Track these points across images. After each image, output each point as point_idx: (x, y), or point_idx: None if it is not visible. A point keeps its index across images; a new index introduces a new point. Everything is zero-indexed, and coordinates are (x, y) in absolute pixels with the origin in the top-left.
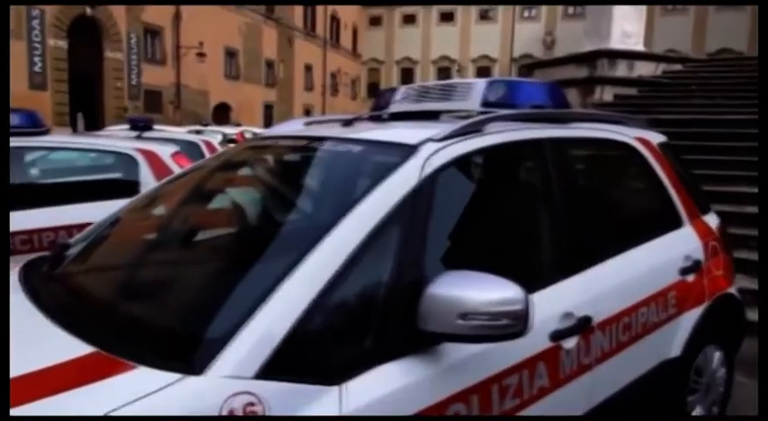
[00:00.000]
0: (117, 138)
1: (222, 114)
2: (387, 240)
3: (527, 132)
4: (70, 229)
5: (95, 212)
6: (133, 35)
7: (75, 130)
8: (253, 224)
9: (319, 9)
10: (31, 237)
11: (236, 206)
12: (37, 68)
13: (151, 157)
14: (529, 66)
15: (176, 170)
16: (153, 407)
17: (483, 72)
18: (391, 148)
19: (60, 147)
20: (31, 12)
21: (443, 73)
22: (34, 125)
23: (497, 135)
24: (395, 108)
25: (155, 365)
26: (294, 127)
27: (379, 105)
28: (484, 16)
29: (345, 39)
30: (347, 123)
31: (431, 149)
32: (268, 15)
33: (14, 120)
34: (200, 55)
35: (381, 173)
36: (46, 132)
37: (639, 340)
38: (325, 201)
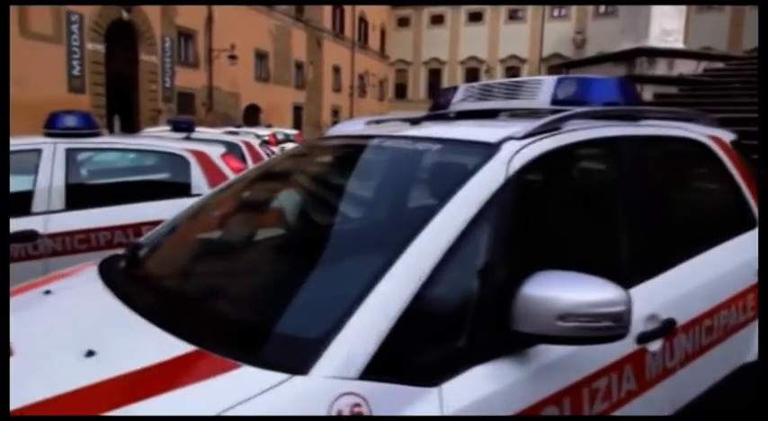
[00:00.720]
0: (167, 139)
1: (252, 116)
2: (477, 239)
3: (604, 130)
4: (126, 229)
5: (150, 212)
6: (167, 39)
7: (111, 132)
8: (342, 222)
9: (348, 10)
10: (89, 237)
11: (322, 204)
12: (76, 72)
13: (202, 158)
14: (561, 66)
15: (226, 171)
16: (265, 406)
17: (511, 73)
18: (472, 147)
19: (113, 149)
20: (71, 16)
21: (471, 74)
22: (89, 126)
23: (576, 133)
24: (458, 107)
25: (259, 365)
26: (356, 127)
27: (439, 104)
28: (513, 16)
29: (373, 40)
30: (415, 122)
31: (513, 148)
32: (297, 17)
33: (70, 121)
34: (232, 57)
35: (465, 171)
36: (98, 134)
37: (720, 344)
38: (410, 199)
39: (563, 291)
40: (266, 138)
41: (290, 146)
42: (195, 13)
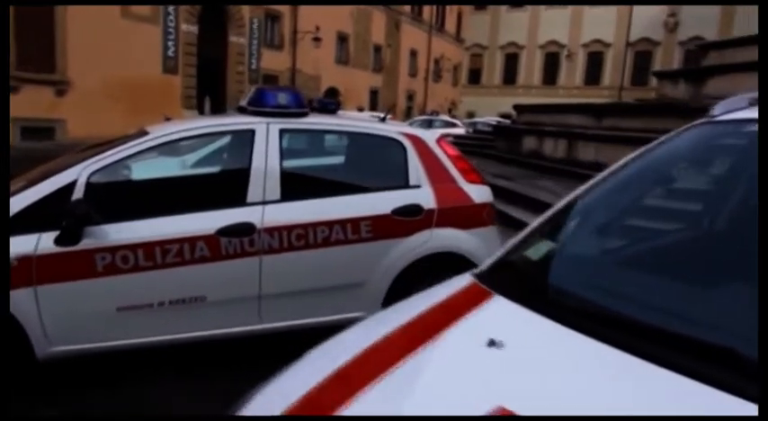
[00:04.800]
0: (373, 121)
1: (331, 99)
2: None
3: None
4: (344, 224)
5: (369, 204)
6: (255, 20)
7: (201, 113)
8: None
9: None
10: (306, 232)
11: None
12: (170, 53)
13: (418, 143)
14: (700, 47)
15: (442, 158)
16: None
17: (594, 57)
18: None
19: (325, 130)
20: None
21: (551, 58)
22: (299, 105)
23: None
24: None
25: None
26: (740, 105)
27: None
28: None
29: (450, 23)
30: None
31: None
32: None
33: (282, 98)
34: (317, 39)
35: None
36: (308, 113)
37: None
38: None
39: None
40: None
41: None
42: None
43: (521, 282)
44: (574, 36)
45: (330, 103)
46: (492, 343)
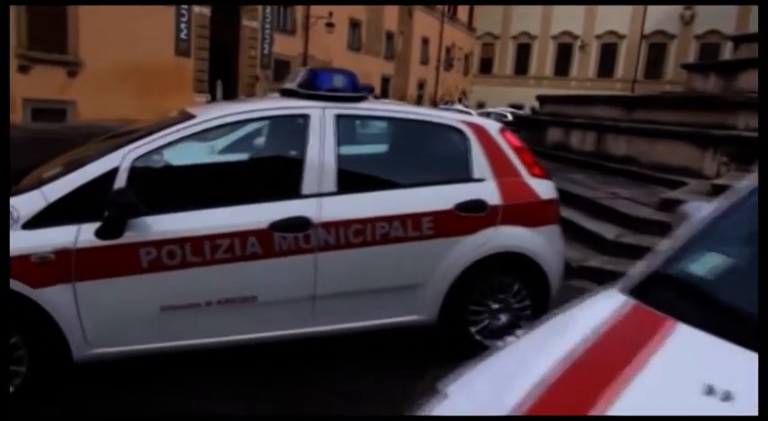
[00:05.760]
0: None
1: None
2: None
3: None
4: (404, 220)
5: (430, 199)
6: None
7: (213, 97)
8: None
9: None
10: (364, 228)
11: None
12: (183, 35)
13: (481, 133)
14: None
15: (506, 150)
16: None
17: (608, 49)
18: None
19: (383, 117)
20: None
21: (564, 49)
22: (355, 89)
23: None
24: None
25: None
26: None
27: None
28: None
29: (462, 11)
30: None
31: None
32: None
33: (339, 81)
34: (330, 25)
35: None
36: (363, 98)
37: None
38: None
39: None
40: None
41: None
42: None
43: (707, 306)
44: (588, 27)
45: (365, 88)
46: (711, 390)
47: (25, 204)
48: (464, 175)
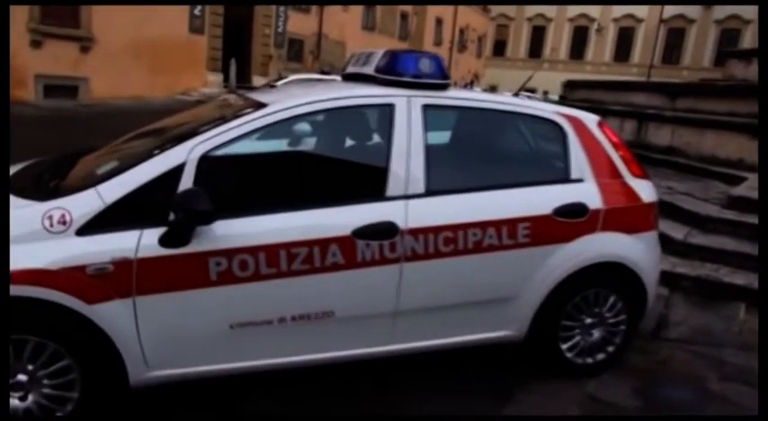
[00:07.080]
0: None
1: None
2: None
3: None
4: (499, 226)
5: (525, 202)
6: None
7: (227, 76)
8: None
9: None
10: (455, 235)
11: None
12: (197, 11)
13: (578, 127)
14: None
15: (605, 145)
16: None
17: (625, 33)
18: None
19: (474, 107)
20: None
21: (579, 32)
22: (442, 76)
23: None
24: None
25: None
26: None
27: None
28: None
29: None
30: None
31: None
32: None
33: (426, 66)
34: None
35: None
36: (450, 85)
37: None
38: None
39: None
40: None
41: None
42: None
43: None
44: (605, 10)
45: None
46: None
47: (79, 206)
48: (561, 175)
